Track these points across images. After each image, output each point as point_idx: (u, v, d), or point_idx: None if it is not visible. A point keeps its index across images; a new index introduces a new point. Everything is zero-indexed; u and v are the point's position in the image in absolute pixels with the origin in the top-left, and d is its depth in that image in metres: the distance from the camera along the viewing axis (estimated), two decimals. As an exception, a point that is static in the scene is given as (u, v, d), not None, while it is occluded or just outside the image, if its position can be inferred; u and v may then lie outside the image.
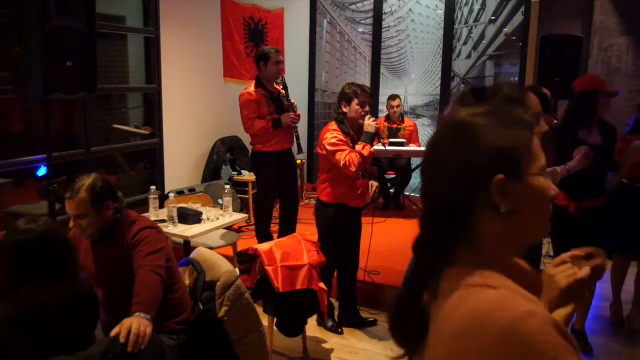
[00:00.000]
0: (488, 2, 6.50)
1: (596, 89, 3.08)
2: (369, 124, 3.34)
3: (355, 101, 3.34)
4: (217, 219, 3.83)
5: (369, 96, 3.42)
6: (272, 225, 4.52)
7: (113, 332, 1.95)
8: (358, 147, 3.30)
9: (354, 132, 3.40)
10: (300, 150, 4.42)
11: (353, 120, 3.38)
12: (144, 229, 2.33)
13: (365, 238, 3.72)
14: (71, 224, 2.31)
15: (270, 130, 4.15)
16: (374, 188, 3.54)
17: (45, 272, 1.88)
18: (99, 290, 2.25)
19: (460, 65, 6.71)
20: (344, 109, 3.37)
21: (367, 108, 3.40)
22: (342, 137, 3.30)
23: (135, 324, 1.96)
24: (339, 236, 3.47)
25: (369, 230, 3.71)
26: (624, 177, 3.41)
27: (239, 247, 4.06)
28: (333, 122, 3.40)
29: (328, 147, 3.29)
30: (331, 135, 3.31)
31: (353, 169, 3.22)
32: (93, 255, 2.38)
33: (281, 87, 4.36)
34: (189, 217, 3.67)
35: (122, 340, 1.91)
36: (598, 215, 3.17)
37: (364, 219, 3.65)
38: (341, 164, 3.23)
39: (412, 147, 5.72)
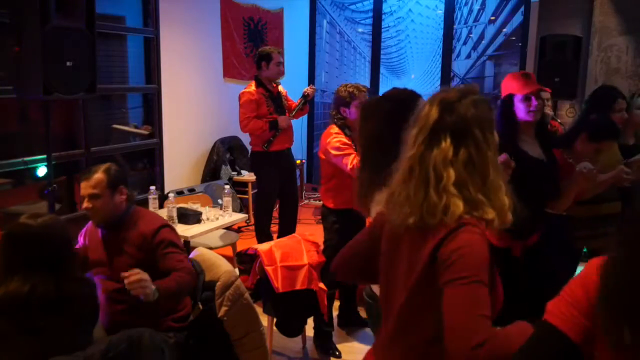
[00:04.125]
0: (488, 2, 6.51)
1: (509, 95, 2.45)
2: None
3: (355, 104, 3.21)
4: (217, 219, 3.83)
5: (366, 94, 3.29)
6: (272, 225, 4.52)
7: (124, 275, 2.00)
8: None
9: (355, 136, 3.31)
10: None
11: (356, 123, 3.30)
12: (163, 227, 2.35)
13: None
14: (84, 205, 2.31)
15: (267, 131, 4.15)
16: None
17: (38, 266, 1.92)
18: (113, 283, 2.29)
19: (460, 66, 6.71)
20: (344, 114, 3.25)
21: None
22: (345, 140, 3.18)
23: (143, 276, 2.01)
24: (347, 241, 3.41)
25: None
26: (563, 210, 2.61)
27: (239, 247, 4.07)
28: (334, 126, 3.28)
29: (333, 152, 3.17)
30: (335, 139, 3.18)
31: None
32: (104, 246, 2.38)
33: (279, 86, 4.37)
34: (188, 217, 3.67)
35: (125, 278, 1.97)
36: (539, 255, 2.48)
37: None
38: (348, 169, 3.09)
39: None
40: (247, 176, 5.52)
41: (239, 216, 4.08)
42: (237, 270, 3.55)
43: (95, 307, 2.12)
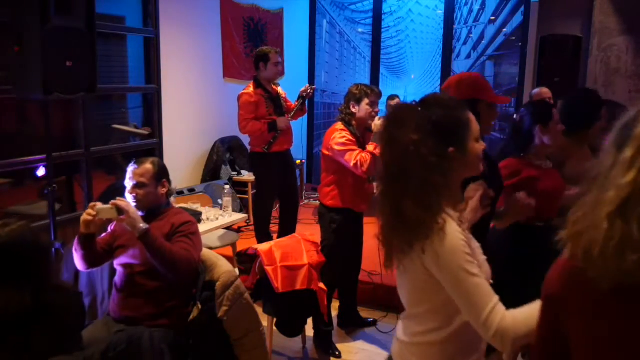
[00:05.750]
0: (488, 2, 6.51)
1: (475, 99, 2.06)
2: (380, 124, 3.28)
3: (366, 101, 3.26)
4: (217, 219, 3.83)
5: (378, 97, 3.37)
6: (271, 225, 4.52)
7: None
8: (370, 147, 3.20)
9: (360, 134, 3.33)
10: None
11: (362, 121, 3.29)
12: (191, 222, 2.50)
13: (365, 238, 3.70)
14: (129, 190, 2.47)
15: (266, 133, 4.14)
16: None
17: (11, 279, 1.76)
18: (134, 266, 2.37)
19: (460, 66, 6.71)
20: (353, 110, 3.28)
21: (377, 108, 3.33)
22: (351, 137, 3.21)
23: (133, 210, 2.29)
24: (344, 241, 3.42)
25: (368, 230, 3.69)
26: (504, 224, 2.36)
27: (239, 248, 4.07)
28: (339, 123, 3.31)
29: (336, 148, 3.19)
30: (340, 135, 3.21)
31: (364, 169, 3.12)
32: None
33: (278, 87, 4.37)
34: (188, 217, 3.67)
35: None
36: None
37: (366, 219, 3.63)
38: (352, 164, 3.13)
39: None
40: (247, 176, 5.52)
41: (239, 216, 4.08)
42: (237, 270, 3.55)
43: (80, 314, 2.03)
